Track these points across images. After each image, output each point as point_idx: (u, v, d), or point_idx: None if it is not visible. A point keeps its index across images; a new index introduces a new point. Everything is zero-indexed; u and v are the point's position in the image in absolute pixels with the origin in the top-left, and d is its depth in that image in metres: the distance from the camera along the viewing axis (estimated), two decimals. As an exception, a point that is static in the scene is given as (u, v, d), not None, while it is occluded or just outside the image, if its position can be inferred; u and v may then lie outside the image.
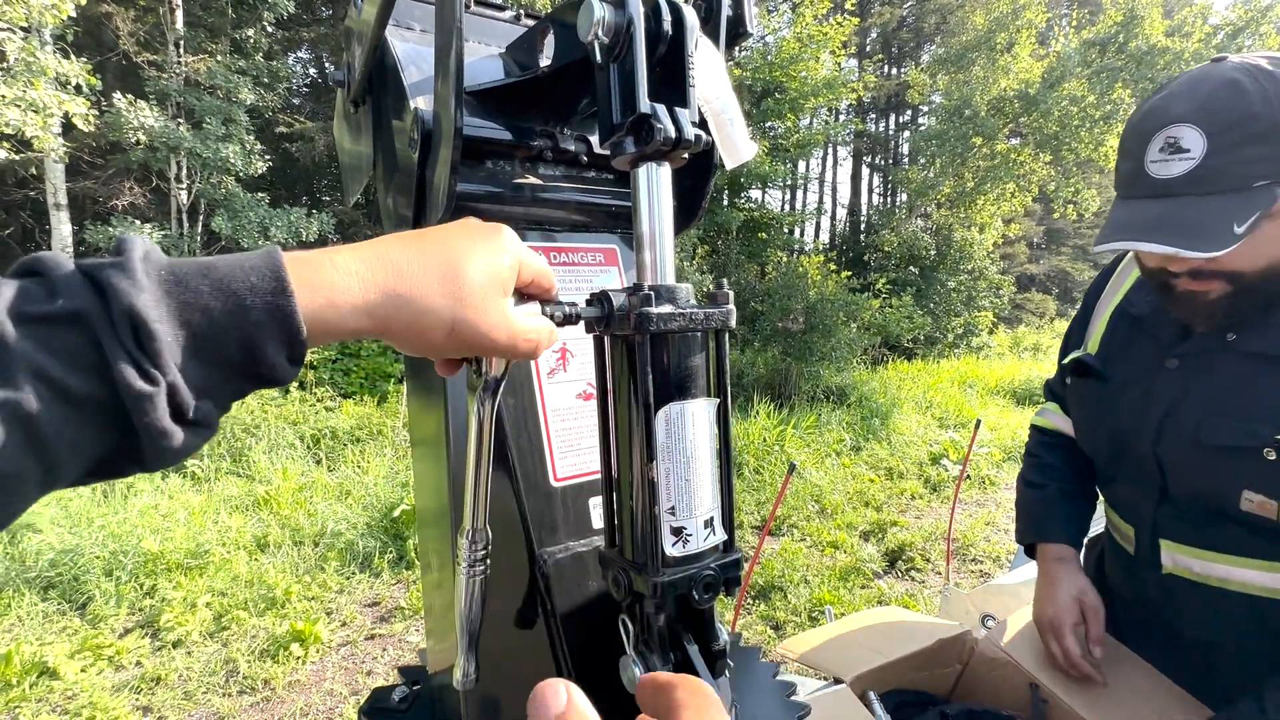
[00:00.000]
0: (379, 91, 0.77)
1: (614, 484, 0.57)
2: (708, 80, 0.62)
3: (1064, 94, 13.55)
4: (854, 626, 1.37)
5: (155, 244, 0.37)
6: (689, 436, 0.53)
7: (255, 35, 8.91)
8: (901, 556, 4.63)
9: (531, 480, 0.66)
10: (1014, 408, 10.15)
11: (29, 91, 5.43)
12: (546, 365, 0.70)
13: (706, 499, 0.55)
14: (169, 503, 4.92)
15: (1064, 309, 24.79)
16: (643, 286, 0.52)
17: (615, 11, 0.52)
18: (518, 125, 0.71)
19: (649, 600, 0.53)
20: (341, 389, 8.19)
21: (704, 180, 0.79)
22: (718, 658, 0.59)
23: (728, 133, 0.64)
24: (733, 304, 0.56)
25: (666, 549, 0.54)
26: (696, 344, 0.55)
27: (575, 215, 0.76)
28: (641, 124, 0.52)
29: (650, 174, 0.55)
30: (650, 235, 0.55)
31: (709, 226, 12.21)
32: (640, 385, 0.52)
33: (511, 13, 0.85)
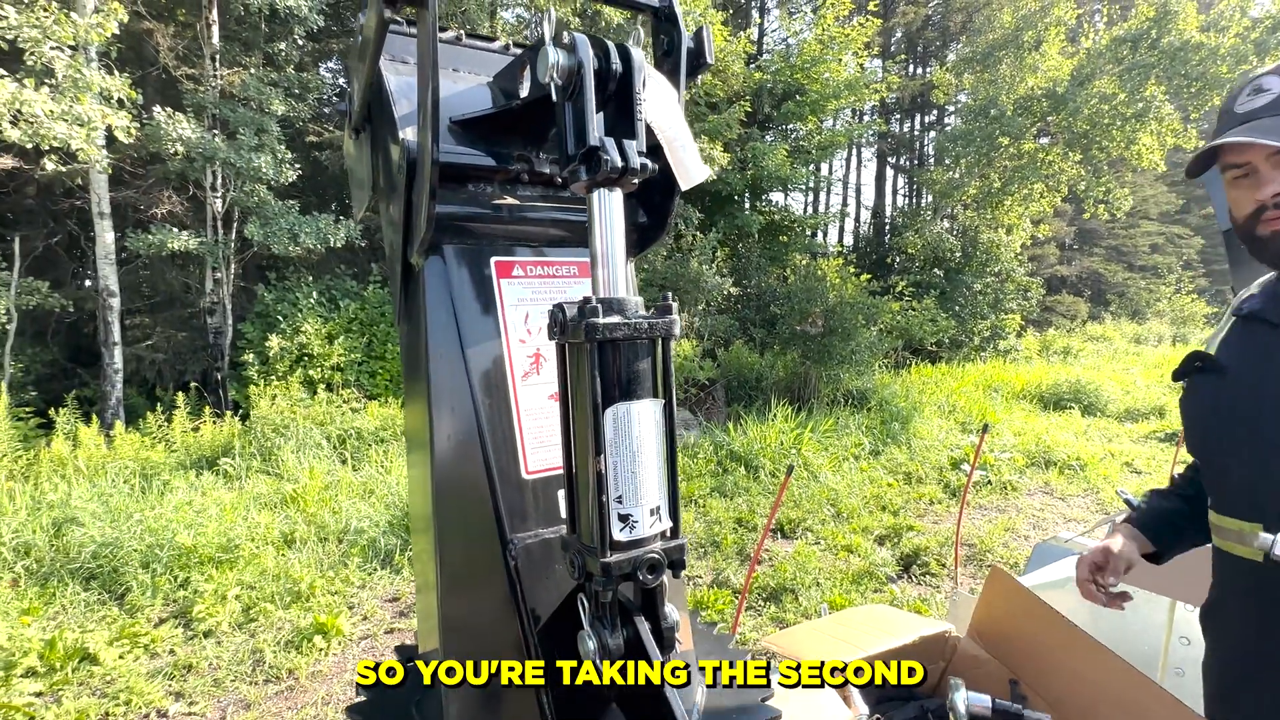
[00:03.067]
0: (376, 120, 0.85)
1: (573, 475, 0.64)
2: (660, 111, 0.68)
3: (1094, 92, 13.26)
4: (840, 622, 1.41)
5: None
6: (635, 433, 0.60)
7: (286, 48, 9.22)
8: (916, 561, 4.61)
9: (505, 473, 0.73)
10: (1040, 413, 9.95)
11: (75, 106, 5.72)
12: (521, 369, 0.77)
13: (652, 490, 0.61)
14: (202, 499, 5.13)
15: (1096, 311, 24.16)
16: (592, 299, 0.59)
17: (568, 56, 0.59)
18: (498, 150, 0.78)
19: (598, 579, 0.60)
20: (367, 391, 8.41)
21: (670, 198, 0.85)
22: (667, 634, 0.65)
23: (680, 158, 0.70)
24: (677, 314, 0.62)
25: (614, 534, 0.60)
26: (643, 350, 0.61)
27: (552, 231, 0.83)
28: (592, 155, 0.59)
29: (602, 199, 0.62)
30: (603, 254, 0.62)
31: (729, 229, 12.22)
32: (589, 387, 0.58)
33: (501, 44, 0.92)
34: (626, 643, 0.64)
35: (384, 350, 8.88)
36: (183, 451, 6.39)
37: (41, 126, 5.36)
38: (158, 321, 9.30)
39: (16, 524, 4.40)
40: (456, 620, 0.74)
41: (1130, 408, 10.05)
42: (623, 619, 0.64)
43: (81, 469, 5.68)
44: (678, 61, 0.76)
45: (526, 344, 0.78)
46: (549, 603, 0.71)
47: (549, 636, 0.71)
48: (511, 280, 0.78)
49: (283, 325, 8.38)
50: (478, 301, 0.76)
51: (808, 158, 13.90)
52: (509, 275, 0.78)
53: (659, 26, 0.79)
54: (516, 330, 0.77)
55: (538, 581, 0.72)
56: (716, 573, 4.46)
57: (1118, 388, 11.03)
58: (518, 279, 0.79)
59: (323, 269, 10.06)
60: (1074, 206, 20.01)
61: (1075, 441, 8.02)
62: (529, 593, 0.71)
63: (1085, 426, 9.08)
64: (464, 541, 0.74)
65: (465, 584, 0.74)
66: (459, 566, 0.74)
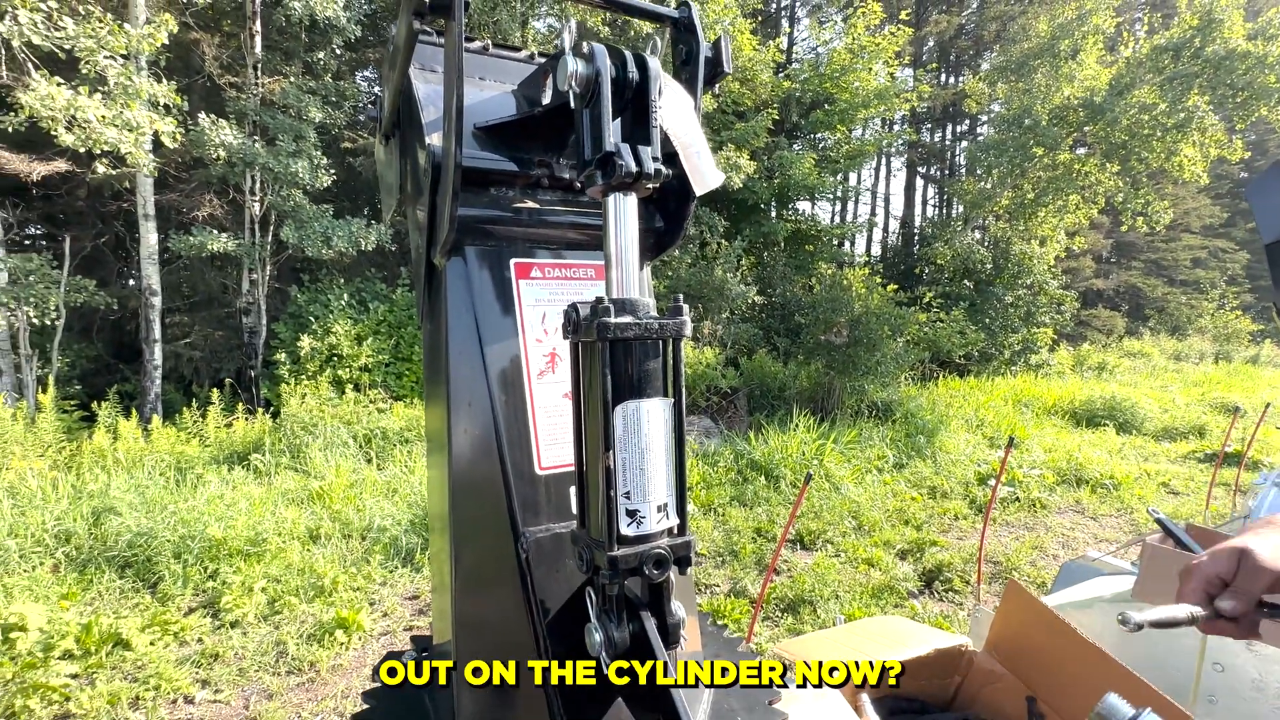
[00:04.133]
0: (405, 128, 0.88)
1: (583, 471, 0.66)
2: (676, 118, 0.70)
3: (1133, 101, 12.94)
4: (853, 631, 1.40)
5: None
6: (644, 431, 0.61)
7: (325, 57, 9.51)
8: (939, 577, 4.51)
9: (519, 467, 0.75)
10: (1072, 429, 9.69)
11: (125, 112, 5.98)
12: (537, 367, 0.79)
13: (660, 486, 0.63)
14: (233, 493, 5.27)
15: (1134, 326, 23.46)
16: (604, 300, 0.61)
17: (586, 65, 0.61)
18: (519, 156, 0.81)
19: (605, 573, 0.61)
20: (394, 392, 8.57)
21: (686, 203, 0.87)
22: (672, 630, 0.66)
23: (695, 164, 0.72)
24: (688, 316, 0.64)
25: (622, 529, 0.62)
26: (653, 350, 0.62)
27: (569, 235, 0.85)
28: (608, 160, 0.61)
29: (618, 203, 0.64)
30: (617, 255, 0.64)
31: (754, 237, 12.20)
32: (600, 384, 0.60)
33: (526, 54, 0.95)
34: (632, 637, 0.65)
35: (410, 352, 9.04)
36: (216, 446, 6.59)
37: (94, 131, 5.60)
38: (196, 320, 9.61)
39: (59, 512, 4.58)
40: (470, 610, 0.76)
41: (1168, 426, 9.71)
42: (629, 614, 0.66)
43: (121, 461, 5.89)
44: (695, 70, 0.78)
45: (543, 343, 0.80)
46: (558, 595, 0.73)
47: (558, 629, 0.72)
48: (530, 281, 0.81)
49: (314, 326, 8.59)
50: (497, 301, 0.78)
51: (835, 167, 13.82)
52: (527, 277, 0.81)
53: (678, 36, 0.81)
54: (533, 330, 0.79)
55: (548, 575, 0.73)
56: (734, 582, 4.43)
57: (1155, 405, 10.68)
58: (536, 280, 0.81)
59: (354, 272, 10.30)
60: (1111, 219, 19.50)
61: (1109, 460, 7.79)
62: (539, 585, 0.72)
63: (1120, 445, 8.81)
64: (478, 532, 0.76)
65: (478, 574, 0.76)
66: (473, 556, 0.76)
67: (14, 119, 5.51)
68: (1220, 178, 24.21)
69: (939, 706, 1.34)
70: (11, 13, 5.44)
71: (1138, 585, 2.10)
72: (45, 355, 7.48)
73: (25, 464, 5.50)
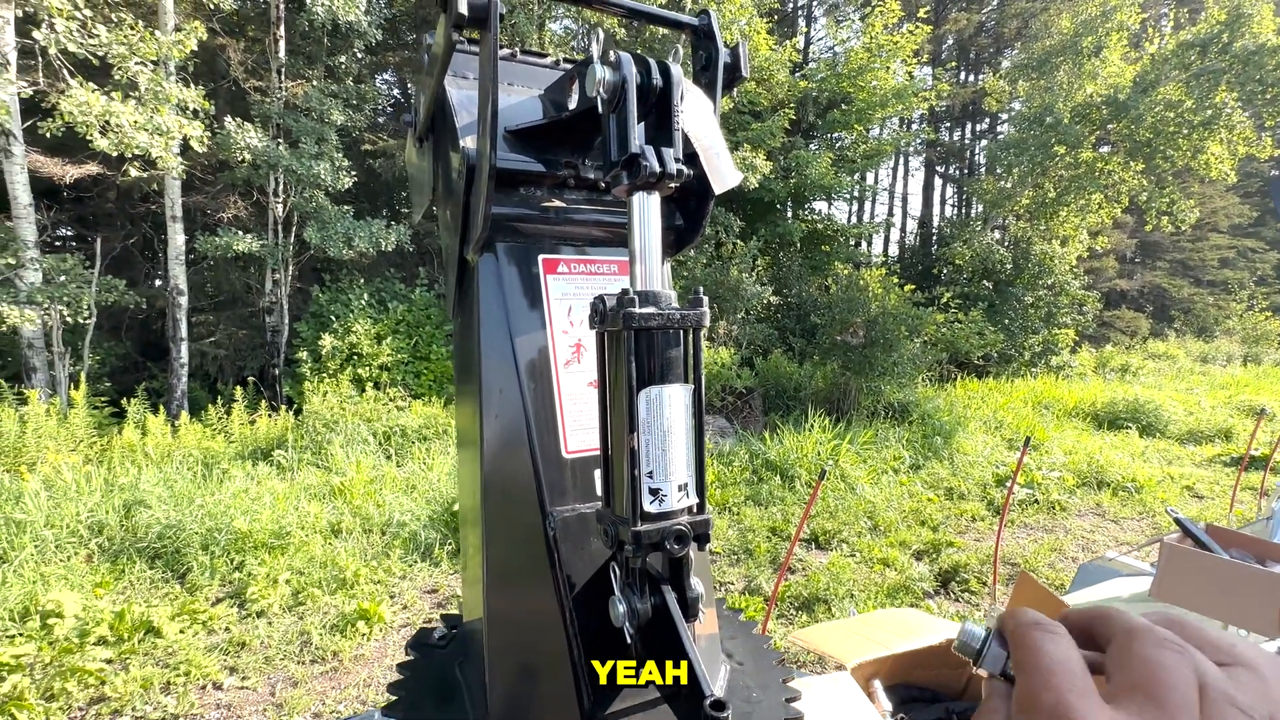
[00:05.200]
0: (439, 130, 0.93)
1: (608, 453, 0.70)
2: (697, 121, 0.74)
3: (1158, 98, 12.72)
4: (867, 622, 1.43)
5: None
6: (666, 414, 0.65)
7: (346, 61, 9.67)
8: (955, 578, 4.50)
9: (547, 451, 0.80)
10: (1094, 431, 9.55)
11: (155, 117, 6.15)
12: (564, 357, 0.83)
13: (681, 467, 0.67)
14: (257, 488, 5.40)
15: (1159, 328, 23.01)
16: (629, 291, 0.65)
17: (613, 72, 0.66)
18: (547, 157, 0.85)
19: (629, 547, 0.65)
20: (412, 390, 8.69)
21: (705, 202, 0.91)
22: (692, 604, 0.70)
23: (715, 164, 0.76)
24: (707, 307, 0.68)
25: (645, 506, 0.66)
26: (675, 339, 0.67)
27: (595, 232, 0.90)
28: (633, 162, 0.65)
29: (642, 202, 0.68)
30: (641, 251, 0.68)
31: (770, 237, 12.18)
32: (625, 370, 0.64)
33: (551, 60, 1.00)
34: (654, 609, 0.69)
35: (428, 351, 9.17)
36: (240, 443, 6.74)
37: (126, 136, 5.76)
38: (220, 320, 9.83)
39: (92, 504, 4.73)
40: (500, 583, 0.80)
41: (1193, 429, 9.54)
42: (651, 588, 0.70)
43: (150, 456, 6.05)
44: (714, 75, 0.82)
45: (569, 334, 0.84)
46: (583, 571, 0.77)
47: (583, 602, 0.76)
48: (557, 276, 0.85)
49: (335, 325, 8.75)
50: (526, 295, 0.83)
51: (852, 166, 13.75)
52: (554, 272, 0.85)
53: (698, 43, 0.85)
54: (560, 322, 0.84)
55: (573, 552, 0.78)
56: (749, 580, 4.45)
57: (1180, 408, 10.49)
58: (562, 275, 0.86)
59: (373, 272, 10.46)
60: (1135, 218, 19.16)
61: (1131, 463, 7.68)
62: (565, 561, 0.77)
63: (1143, 448, 8.68)
64: (508, 511, 0.81)
65: (509, 550, 0.81)
66: (504, 533, 0.80)
67: (52, 124, 5.69)
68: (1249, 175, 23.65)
69: (950, 696, 1.36)
70: (49, 21, 5.63)
71: (1155, 585, 2.09)
72: (77, 353, 7.71)
73: (59, 458, 5.68)
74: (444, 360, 9.12)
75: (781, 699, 0.88)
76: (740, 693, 0.88)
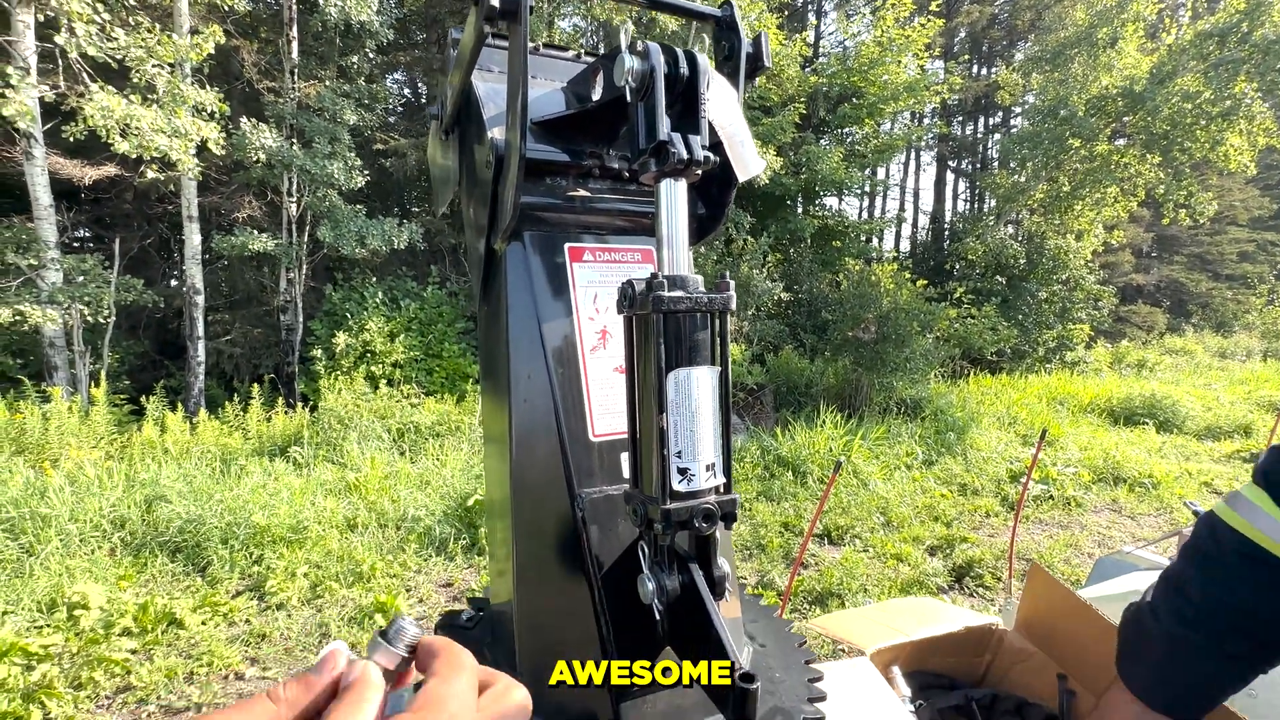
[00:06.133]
0: (465, 123, 0.95)
1: (637, 434, 0.72)
2: (721, 109, 0.75)
3: (1176, 90, 12.53)
4: (884, 609, 1.44)
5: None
6: (694, 395, 0.67)
7: (358, 61, 9.75)
8: (970, 573, 4.48)
9: (574, 434, 0.81)
10: (1109, 427, 9.45)
11: (173, 120, 6.24)
12: (590, 343, 0.85)
13: (708, 447, 0.68)
14: (274, 483, 5.47)
15: (1176, 323, 22.70)
16: (658, 275, 0.66)
17: (641, 62, 0.67)
18: (572, 148, 0.87)
19: (658, 525, 0.67)
20: (425, 387, 8.77)
21: (727, 191, 0.92)
22: (719, 582, 0.72)
23: (739, 152, 0.77)
24: (734, 291, 0.69)
25: (674, 485, 0.67)
26: (702, 322, 0.68)
27: (618, 221, 0.91)
28: (661, 149, 0.67)
29: (669, 188, 0.69)
30: (668, 236, 0.70)
31: (781, 234, 12.15)
32: (654, 352, 0.66)
33: (573, 53, 1.02)
34: (682, 587, 0.71)
35: (440, 349, 9.24)
36: (257, 439, 6.83)
37: (146, 138, 5.84)
38: (236, 318, 9.96)
39: (114, 499, 4.82)
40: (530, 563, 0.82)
41: (1211, 425, 9.42)
42: (679, 566, 0.71)
43: (169, 452, 6.15)
44: (737, 66, 0.83)
45: (595, 321, 0.86)
46: (611, 551, 0.79)
47: (611, 582, 0.78)
48: (582, 264, 0.87)
49: (349, 323, 8.83)
50: (552, 282, 0.85)
51: (863, 161, 13.67)
52: (580, 260, 0.87)
53: (720, 34, 0.86)
54: (586, 309, 0.86)
55: (601, 532, 0.80)
56: (761, 574, 4.46)
57: (1198, 404, 10.35)
58: (588, 263, 0.87)
59: (386, 270, 10.55)
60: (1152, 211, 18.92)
61: (1148, 458, 7.59)
62: (593, 541, 0.79)
63: (1160, 443, 8.58)
64: (537, 492, 0.82)
65: (538, 530, 0.82)
66: (533, 513, 0.82)
67: (75, 128, 5.78)
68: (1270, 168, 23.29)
69: (970, 683, 1.37)
70: (69, 25, 5.72)
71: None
72: (97, 351, 7.84)
73: (81, 454, 5.78)
74: (456, 358, 9.18)
75: (804, 680, 0.89)
76: (764, 673, 0.90)
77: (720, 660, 0.65)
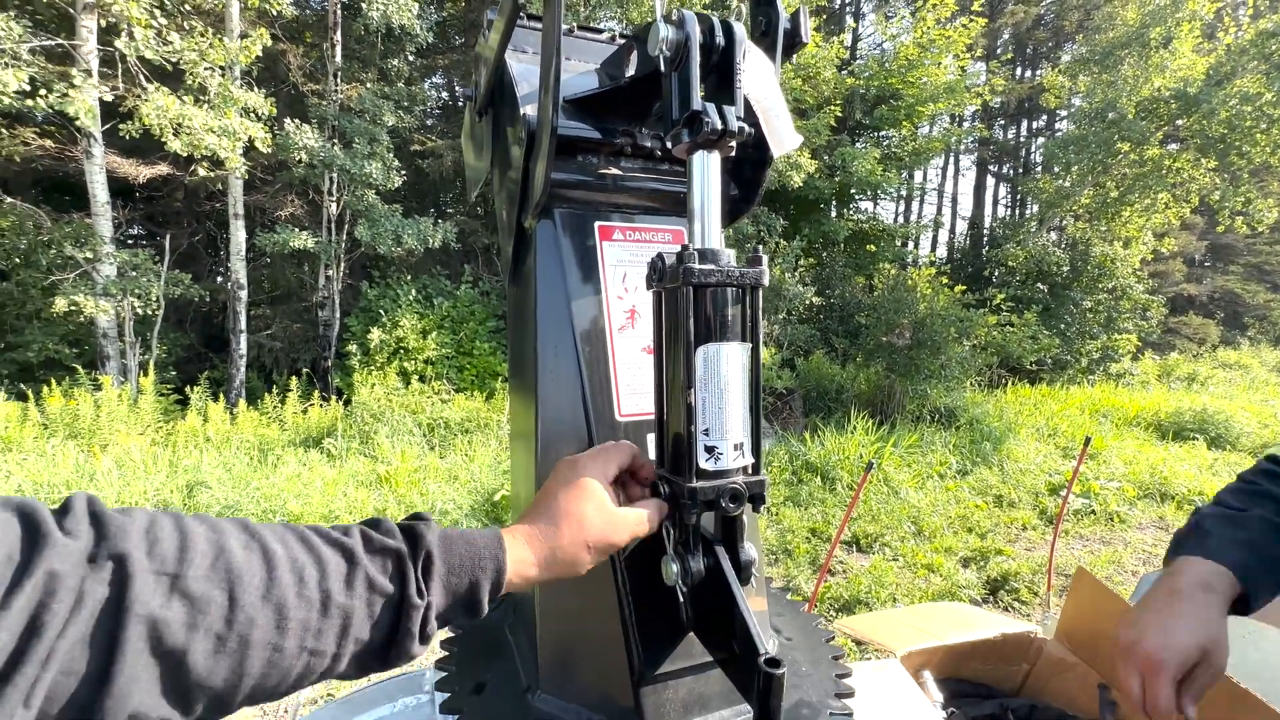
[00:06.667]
0: (498, 104, 0.96)
1: (663, 412, 0.70)
2: (757, 82, 0.73)
3: (1234, 92, 11.99)
4: (915, 613, 1.39)
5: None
6: (723, 372, 0.65)
7: (399, 64, 9.97)
8: (1005, 586, 4.34)
9: (600, 413, 0.80)
10: (1156, 442, 9.06)
11: (222, 120, 6.47)
12: (618, 322, 0.84)
13: (737, 426, 0.66)
14: (309, 473, 5.61)
15: (1230, 336, 21.69)
16: (689, 248, 0.65)
17: (676, 31, 0.66)
18: (604, 126, 0.86)
19: (684, 503, 0.65)
20: (455, 384, 8.89)
21: (761, 171, 0.90)
22: (745, 567, 0.70)
23: (774, 126, 0.75)
24: (766, 266, 0.67)
25: (700, 463, 0.66)
26: (733, 297, 0.66)
27: (649, 201, 0.90)
28: (694, 119, 0.65)
29: (702, 160, 0.68)
30: (700, 209, 0.68)
31: (814, 237, 11.99)
32: (683, 326, 0.64)
33: (607, 35, 1.01)
34: (707, 569, 0.69)
35: (472, 347, 9.36)
36: (293, 430, 7.02)
37: (197, 137, 6.07)
38: (277, 313, 10.27)
39: (158, 483, 5.00)
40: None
41: (1268, 442, 8.95)
42: (704, 548, 0.70)
43: (211, 440, 6.36)
44: (774, 39, 0.81)
45: (623, 300, 0.85)
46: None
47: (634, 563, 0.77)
48: (612, 243, 0.86)
49: (383, 320, 9.02)
50: (581, 260, 0.84)
51: (900, 164, 13.42)
52: (610, 238, 0.86)
53: (757, 8, 0.84)
54: (615, 288, 0.85)
55: (626, 514, 0.78)
56: (788, 580, 4.39)
57: (1254, 419, 9.86)
58: (617, 242, 0.86)
59: (420, 269, 10.75)
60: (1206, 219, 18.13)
61: (1198, 475, 7.25)
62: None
63: (1211, 460, 8.18)
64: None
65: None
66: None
67: (132, 126, 6.03)
68: (1335, 174, 22.06)
69: (1006, 692, 1.31)
70: (128, 30, 5.98)
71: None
72: (146, 343, 8.16)
73: (129, 440, 6.02)
74: (486, 356, 9.30)
75: (832, 675, 0.86)
76: (790, 667, 0.87)
77: (745, 645, 0.64)
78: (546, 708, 0.80)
